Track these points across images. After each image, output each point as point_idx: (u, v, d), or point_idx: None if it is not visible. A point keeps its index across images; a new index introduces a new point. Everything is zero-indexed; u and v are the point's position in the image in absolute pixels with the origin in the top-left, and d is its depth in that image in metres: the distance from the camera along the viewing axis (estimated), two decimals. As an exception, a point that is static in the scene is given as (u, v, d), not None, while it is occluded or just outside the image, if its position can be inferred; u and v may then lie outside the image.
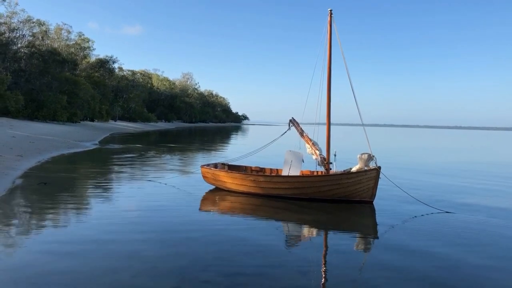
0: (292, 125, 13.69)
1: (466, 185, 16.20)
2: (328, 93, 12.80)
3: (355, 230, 9.24)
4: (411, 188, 13.91)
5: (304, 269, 6.46)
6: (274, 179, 12.36)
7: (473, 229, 9.29)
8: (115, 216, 9.44)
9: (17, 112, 46.80)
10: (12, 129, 31.67)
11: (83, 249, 6.98)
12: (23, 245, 7.19)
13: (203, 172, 13.86)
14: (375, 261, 7.02)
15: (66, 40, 72.56)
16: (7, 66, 53.42)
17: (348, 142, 50.64)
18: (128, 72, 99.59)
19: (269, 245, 7.64)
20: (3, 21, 56.15)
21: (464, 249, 7.74)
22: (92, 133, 46.03)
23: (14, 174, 14.22)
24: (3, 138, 23.91)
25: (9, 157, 17.49)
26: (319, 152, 12.78)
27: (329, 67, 12.79)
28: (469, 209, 11.43)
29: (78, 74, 66.85)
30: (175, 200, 11.61)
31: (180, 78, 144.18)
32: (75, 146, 28.65)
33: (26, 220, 8.89)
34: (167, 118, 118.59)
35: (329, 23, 12.75)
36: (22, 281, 5.60)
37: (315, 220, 9.94)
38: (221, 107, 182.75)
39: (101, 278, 5.76)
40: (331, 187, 11.76)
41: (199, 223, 9.18)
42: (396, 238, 8.45)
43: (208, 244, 7.52)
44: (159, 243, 7.50)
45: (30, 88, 53.11)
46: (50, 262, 6.35)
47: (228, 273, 6.12)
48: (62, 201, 10.85)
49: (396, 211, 11.00)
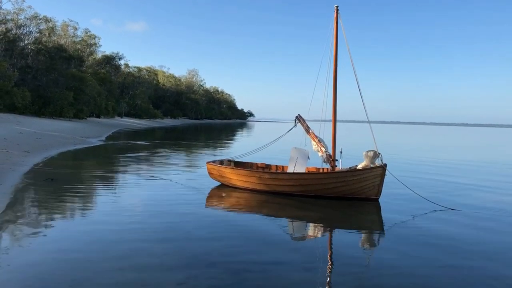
0: (298, 122, 13.68)
1: (472, 183, 16.08)
2: (334, 90, 12.76)
3: (361, 227, 9.22)
4: (417, 186, 13.86)
5: (309, 266, 6.46)
6: (279, 176, 12.36)
7: (480, 227, 9.23)
8: (121, 212, 9.49)
9: (24, 109, 47.09)
10: (19, 125, 31.88)
11: (90, 245, 7.02)
12: (30, 241, 7.24)
13: (208, 169, 13.89)
14: (380, 258, 7.01)
15: (73, 36, 72.82)
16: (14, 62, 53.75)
17: (353, 139, 50.48)
18: (134, 68, 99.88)
19: (274, 242, 7.65)
20: (10, 17, 56.45)
21: (470, 247, 7.69)
22: (99, 129, 46.24)
23: (21, 170, 14.33)
24: (11, 134, 24.08)
25: (16, 153, 17.63)
26: (325, 149, 12.75)
27: (335, 64, 12.74)
28: (475, 207, 11.36)
29: (84, 71, 67.08)
30: (181, 196, 11.65)
31: (185, 75, 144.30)
32: (81, 142, 28.80)
33: (33, 216, 8.96)
34: (173, 115, 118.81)
35: (336, 20, 12.69)
36: (30, 276, 5.65)
37: (321, 217, 9.93)
38: (227, 104, 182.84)
39: (107, 274, 5.80)
40: (336, 184, 11.74)
41: (204, 219, 9.21)
42: (402, 235, 8.42)
43: (213, 241, 7.54)
44: (165, 239, 7.53)
45: (37, 85, 53.41)
46: (57, 258, 6.40)
47: (233, 269, 6.14)
48: (68, 197, 10.92)
49: (402, 209, 10.96)
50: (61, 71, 56.06)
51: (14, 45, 54.17)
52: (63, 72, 56.24)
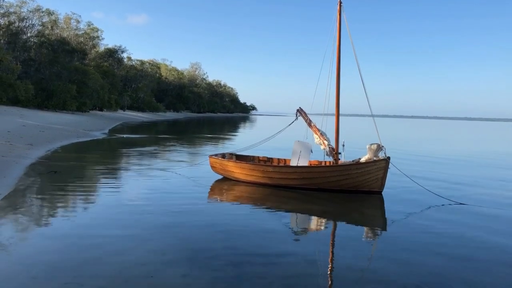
0: (300, 115, 13.62)
1: (481, 177, 15.96)
2: (337, 83, 12.69)
3: (364, 221, 9.21)
4: (422, 179, 13.73)
5: (312, 259, 6.47)
6: (282, 169, 12.35)
7: (488, 221, 9.08)
8: (124, 205, 9.52)
9: (27, 101, 47.16)
10: (23, 118, 31.94)
11: (92, 238, 7.05)
12: (34, 232, 7.28)
13: (211, 162, 13.89)
14: (383, 251, 6.99)
15: (75, 29, 72.69)
16: (17, 55, 53.76)
17: (356, 133, 50.39)
18: (136, 62, 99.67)
19: (277, 235, 7.66)
20: (13, 10, 56.38)
21: (477, 243, 7.55)
22: (101, 122, 46.30)
23: (24, 163, 14.37)
24: (14, 127, 24.14)
25: (19, 145, 17.67)
26: (328, 142, 12.72)
27: (338, 57, 12.67)
28: (484, 201, 11.17)
29: (87, 64, 67.10)
30: (184, 190, 11.67)
31: (188, 68, 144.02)
32: (84, 135, 28.85)
33: (37, 207, 8.99)
34: (176, 108, 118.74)
35: (339, 12, 12.60)
36: (34, 268, 5.68)
37: (324, 211, 9.93)
38: (229, 98, 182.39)
39: (110, 266, 5.82)
40: (340, 177, 11.72)
41: (207, 212, 9.22)
42: (405, 229, 8.40)
43: (216, 233, 7.55)
44: (168, 232, 7.55)
45: (40, 78, 53.44)
46: (60, 249, 6.43)
47: (236, 262, 6.15)
48: (71, 190, 10.95)
49: (406, 202, 10.93)
50: (64, 64, 56.06)
51: (17, 38, 54.20)
52: (66, 65, 56.24)
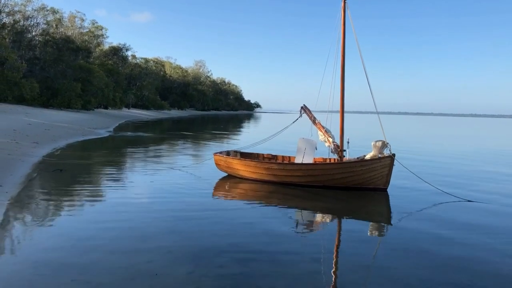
0: (304, 112, 13.58)
1: (488, 173, 15.86)
2: (342, 80, 12.64)
3: (369, 218, 9.19)
4: (428, 176, 13.52)
5: (317, 256, 6.47)
6: (287, 166, 12.33)
7: (495, 219, 8.98)
8: (129, 203, 9.55)
9: (32, 100, 47.34)
10: (28, 117, 32.09)
11: (98, 236, 7.08)
12: (40, 230, 7.32)
13: (216, 160, 13.90)
14: (388, 249, 6.97)
15: (80, 28, 72.88)
16: (22, 54, 53.89)
17: (361, 130, 50.24)
18: (141, 60, 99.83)
19: (282, 232, 7.65)
20: (18, 9, 56.56)
21: (486, 241, 7.46)
22: (106, 120, 46.43)
23: (30, 161, 14.44)
24: (19, 125, 24.25)
25: (25, 144, 17.76)
26: (332, 140, 12.69)
27: (343, 54, 12.61)
28: (491, 199, 11.06)
29: (92, 62, 67.17)
30: (189, 187, 11.68)
31: (192, 66, 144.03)
32: (89, 133, 28.95)
33: (43, 205, 9.03)
34: (180, 106, 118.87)
35: (343, 9, 12.54)
36: (42, 265, 5.71)
37: (329, 208, 9.92)
38: (234, 95, 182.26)
39: (116, 264, 5.84)
40: (344, 174, 11.70)
41: (212, 210, 9.24)
42: (411, 226, 8.35)
43: (221, 231, 7.56)
44: (173, 229, 7.57)
45: (45, 76, 53.59)
46: (67, 247, 6.45)
47: (241, 259, 6.16)
48: (77, 188, 11.00)
49: (411, 199, 10.88)
50: (68, 62, 56.18)
51: (22, 36, 54.36)
52: (70, 64, 56.35)
